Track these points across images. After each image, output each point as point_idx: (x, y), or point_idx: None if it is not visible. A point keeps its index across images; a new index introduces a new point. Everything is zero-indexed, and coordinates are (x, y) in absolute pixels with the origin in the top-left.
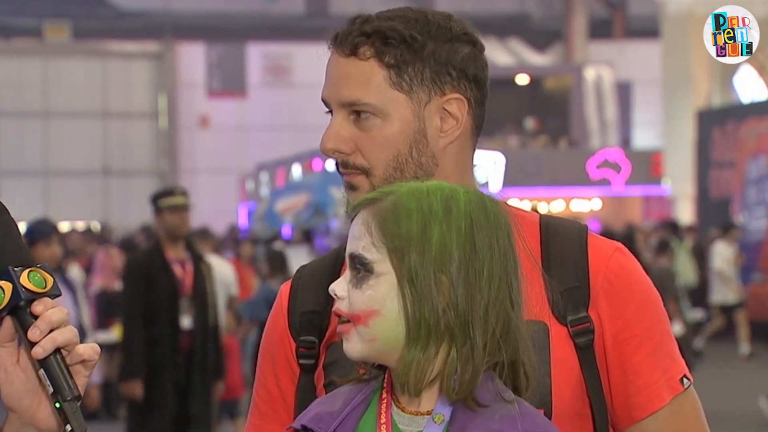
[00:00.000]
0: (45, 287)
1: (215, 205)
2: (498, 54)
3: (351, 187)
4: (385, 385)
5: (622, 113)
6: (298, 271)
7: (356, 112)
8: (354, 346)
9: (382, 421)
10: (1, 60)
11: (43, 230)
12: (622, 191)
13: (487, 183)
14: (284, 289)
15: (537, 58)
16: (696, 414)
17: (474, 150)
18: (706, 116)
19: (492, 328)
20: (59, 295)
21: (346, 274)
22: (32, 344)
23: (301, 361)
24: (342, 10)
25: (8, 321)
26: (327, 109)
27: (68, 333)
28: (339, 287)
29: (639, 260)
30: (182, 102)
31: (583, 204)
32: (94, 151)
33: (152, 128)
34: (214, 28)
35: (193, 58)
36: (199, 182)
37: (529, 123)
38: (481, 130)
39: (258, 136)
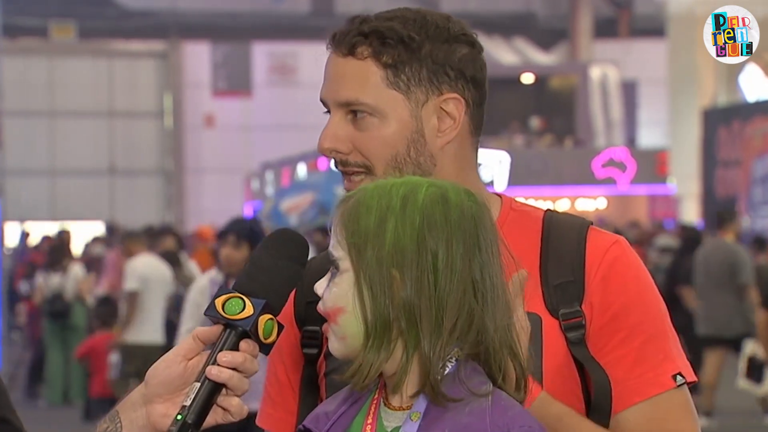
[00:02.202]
0: (269, 337)
1: (220, 205)
2: (503, 53)
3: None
4: (379, 384)
5: (628, 112)
6: (308, 261)
7: (353, 111)
8: (333, 344)
9: (368, 421)
10: (7, 59)
11: (229, 230)
12: (628, 190)
13: (492, 182)
14: None
15: (542, 57)
16: (683, 412)
17: (475, 149)
18: (712, 115)
19: (449, 327)
20: (267, 353)
21: (328, 273)
22: (214, 362)
23: (305, 351)
24: (347, 9)
25: (217, 329)
26: (326, 109)
27: (241, 382)
28: (319, 286)
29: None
30: (188, 101)
31: (589, 203)
32: (99, 151)
33: (158, 127)
34: (219, 27)
35: (198, 58)
36: (204, 181)
37: (535, 122)
38: (482, 130)
39: (263, 136)
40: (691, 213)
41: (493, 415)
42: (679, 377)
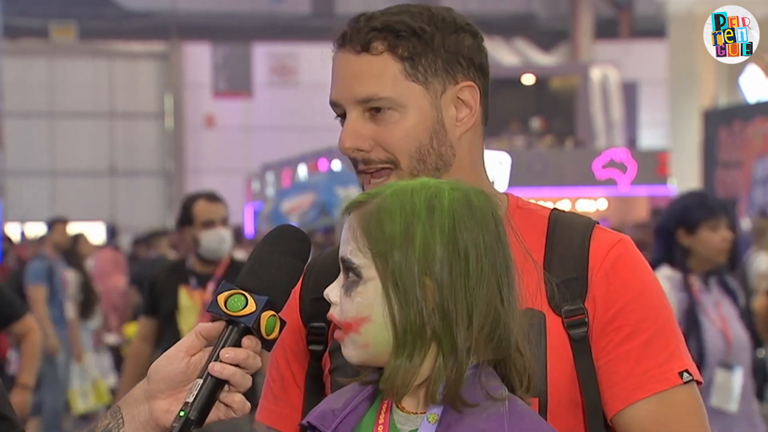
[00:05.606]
0: (271, 333)
1: None
2: (504, 54)
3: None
4: None
5: (628, 113)
6: (313, 257)
7: (372, 108)
8: (350, 352)
9: (380, 422)
10: (7, 60)
11: None
12: (628, 191)
13: (492, 183)
14: None
15: (543, 58)
16: (688, 409)
17: (484, 140)
18: (713, 116)
19: (478, 328)
20: (269, 350)
21: (340, 278)
22: (217, 359)
23: (310, 347)
24: (347, 10)
25: (220, 325)
26: (336, 114)
27: (244, 379)
28: (332, 292)
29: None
30: (188, 102)
31: (589, 204)
32: (100, 151)
33: (158, 128)
34: (219, 28)
35: (198, 59)
36: (204, 182)
37: (535, 123)
38: (488, 120)
39: (264, 136)
40: None
41: (510, 421)
42: (686, 374)
